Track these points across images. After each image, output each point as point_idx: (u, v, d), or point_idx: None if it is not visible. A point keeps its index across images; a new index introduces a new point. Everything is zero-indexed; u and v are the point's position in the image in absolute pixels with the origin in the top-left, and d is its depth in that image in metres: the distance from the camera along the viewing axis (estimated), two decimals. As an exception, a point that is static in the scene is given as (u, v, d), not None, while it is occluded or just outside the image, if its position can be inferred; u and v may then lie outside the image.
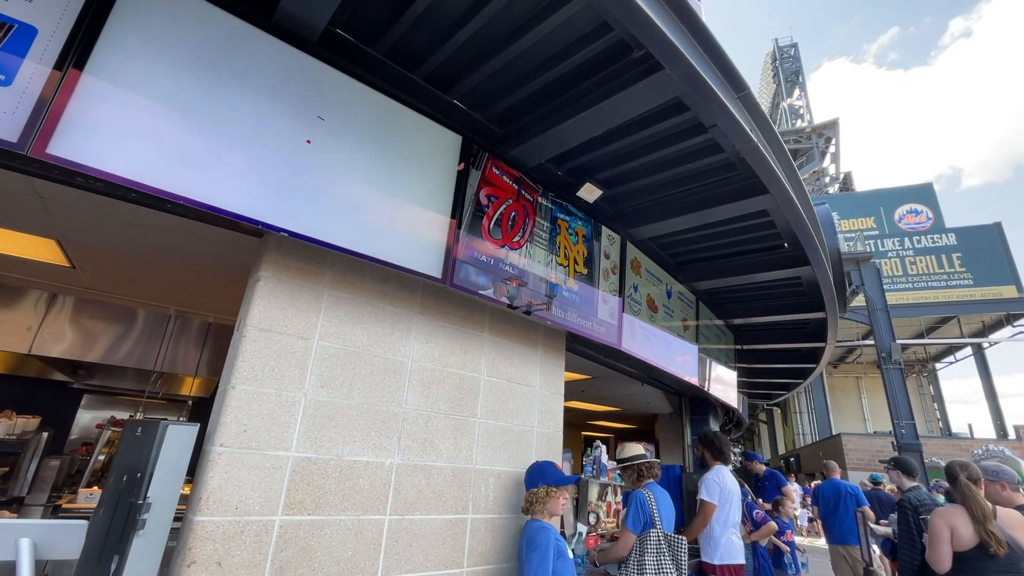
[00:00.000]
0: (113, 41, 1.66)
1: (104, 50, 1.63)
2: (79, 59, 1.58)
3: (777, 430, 26.15)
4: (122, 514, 1.62)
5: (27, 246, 2.99)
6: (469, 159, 2.72)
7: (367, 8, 2.19)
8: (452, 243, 2.52)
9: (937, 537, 2.50)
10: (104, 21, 1.64)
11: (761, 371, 7.78)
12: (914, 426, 11.97)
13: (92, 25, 1.62)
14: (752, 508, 4.11)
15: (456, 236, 2.55)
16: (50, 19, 1.55)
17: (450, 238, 2.52)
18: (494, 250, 2.75)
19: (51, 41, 1.54)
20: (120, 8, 1.69)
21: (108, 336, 4.76)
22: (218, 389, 2.01)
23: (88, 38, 1.61)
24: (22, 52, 1.50)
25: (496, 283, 2.71)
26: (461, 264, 2.55)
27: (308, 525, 1.95)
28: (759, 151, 2.69)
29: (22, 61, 1.50)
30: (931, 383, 22.68)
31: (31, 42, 1.52)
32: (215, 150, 1.83)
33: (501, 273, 2.75)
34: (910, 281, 18.99)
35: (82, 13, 1.61)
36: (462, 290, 2.54)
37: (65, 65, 1.55)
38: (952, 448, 14.69)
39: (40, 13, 1.55)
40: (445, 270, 2.46)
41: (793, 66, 35.15)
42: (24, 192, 2.19)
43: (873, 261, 14.31)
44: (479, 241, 2.67)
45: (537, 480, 2.53)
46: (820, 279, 4.27)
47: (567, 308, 3.14)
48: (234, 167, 1.86)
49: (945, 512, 2.56)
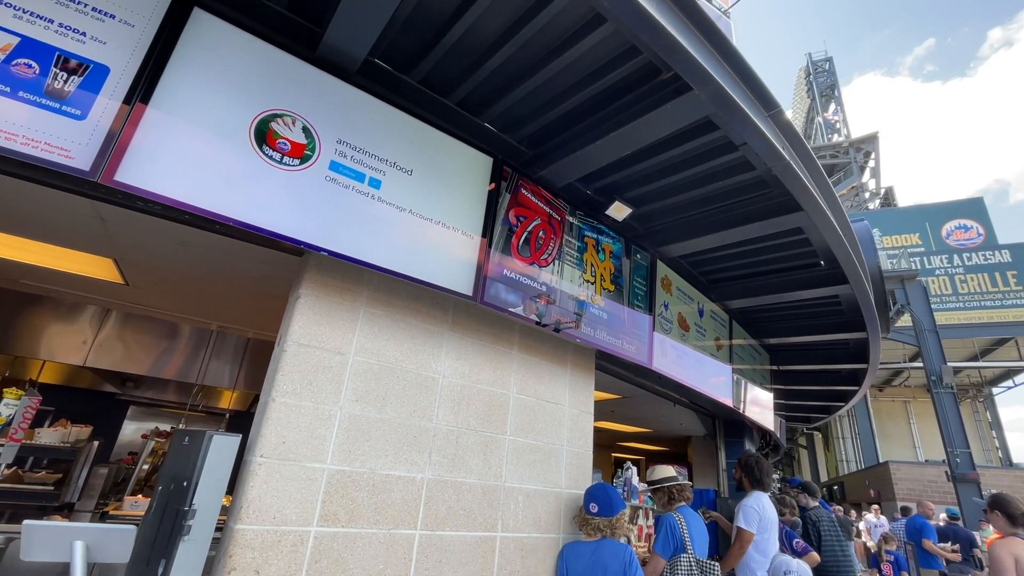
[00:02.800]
0: (174, 77, 1.81)
1: (166, 85, 1.78)
2: (145, 94, 1.73)
3: (819, 456, 24.93)
4: (169, 520, 1.71)
5: (87, 264, 3.21)
6: (500, 179, 2.79)
7: (404, 39, 2.31)
8: (483, 261, 2.57)
9: (1003, 567, 2.52)
10: (167, 59, 1.79)
11: (799, 393, 7.49)
12: (969, 455, 11.25)
13: (157, 63, 1.77)
14: (792, 537, 3.94)
15: (487, 255, 2.60)
16: (121, 59, 1.71)
17: (481, 256, 2.57)
18: (523, 268, 2.79)
19: (121, 79, 1.70)
20: (181, 47, 1.84)
21: (154, 350, 5.02)
22: (258, 402, 2.10)
23: (153, 75, 1.76)
24: (96, 89, 1.65)
25: (525, 301, 2.74)
26: (491, 282, 2.59)
27: (342, 537, 2.00)
28: (791, 169, 2.66)
29: (96, 97, 1.65)
30: (988, 409, 21.28)
31: (104, 80, 1.67)
32: (259, 173, 1.94)
33: (530, 291, 2.78)
34: (961, 300, 18.04)
35: (148, 52, 1.76)
36: (492, 307, 2.59)
37: (133, 100, 1.70)
38: (1014, 479, 13.70)
39: (113, 53, 1.71)
40: (476, 288, 2.51)
41: (828, 80, 34.49)
42: (88, 215, 2.36)
43: (919, 279, 13.70)
44: (509, 259, 2.72)
45: (617, 504, 2.58)
46: (860, 298, 4.13)
47: (596, 326, 3.14)
48: (277, 189, 1.97)
49: (1006, 543, 2.61)
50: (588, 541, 2.57)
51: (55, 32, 1.64)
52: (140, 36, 1.75)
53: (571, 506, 2.90)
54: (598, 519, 2.56)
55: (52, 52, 1.63)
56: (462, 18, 2.12)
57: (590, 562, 2.47)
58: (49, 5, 1.65)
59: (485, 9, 2.08)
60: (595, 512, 2.57)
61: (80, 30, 1.66)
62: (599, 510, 2.57)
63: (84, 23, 1.68)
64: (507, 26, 2.19)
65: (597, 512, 2.57)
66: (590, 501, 2.62)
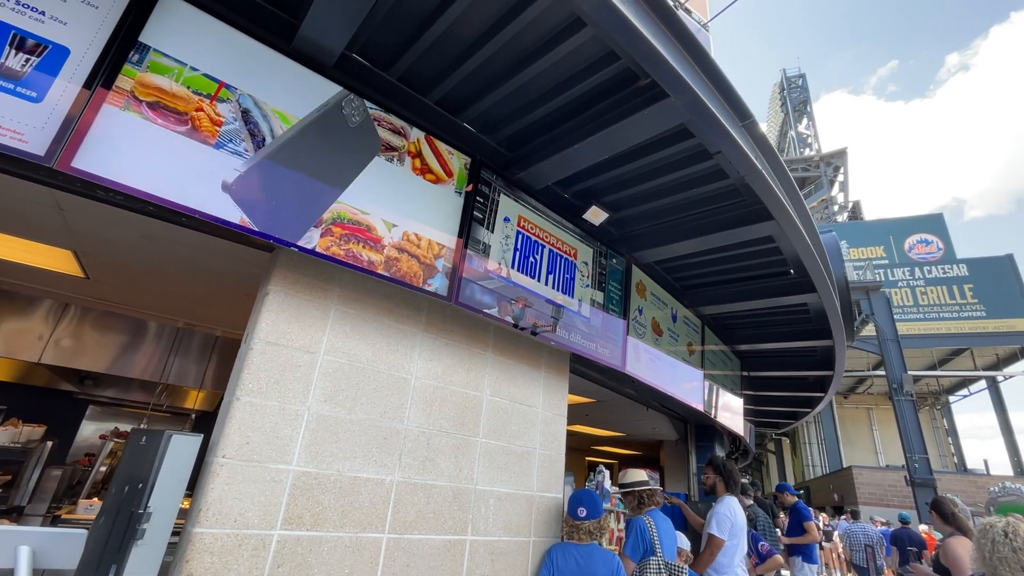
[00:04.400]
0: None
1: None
2: (107, 79, 1.66)
3: (786, 461, 25.56)
4: (122, 524, 1.63)
5: (44, 256, 3.06)
6: (477, 181, 2.78)
7: (383, 35, 2.28)
8: (459, 262, 2.55)
9: (964, 564, 2.82)
10: (133, 43, 1.73)
11: (768, 399, 7.68)
12: (927, 460, 11.69)
13: (122, 47, 1.70)
14: (757, 540, 4.01)
15: (463, 255, 2.58)
16: (82, 41, 1.64)
17: (456, 257, 2.55)
18: (499, 269, 2.78)
19: (82, 61, 1.62)
20: (148, 32, 1.78)
21: (116, 347, 4.82)
22: (222, 401, 2.03)
23: (117, 59, 1.69)
24: (54, 71, 1.58)
25: (501, 302, 2.73)
26: (467, 283, 2.58)
27: (306, 540, 1.94)
28: (763, 178, 2.72)
29: (54, 80, 1.57)
30: (944, 416, 22.17)
31: (63, 62, 1.60)
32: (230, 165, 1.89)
33: (506, 292, 2.77)
34: (921, 311, 18.78)
35: (113, 35, 1.69)
36: (467, 308, 2.57)
37: (94, 84, 1.63)
38: (968, 484, 14.26)
39: (74, 35, 1.64)
40: (451, 288, 2.49)
41: (801, 96, 35.59)
42: (45, 204, 2.26)
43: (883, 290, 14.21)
44: (486, 260, 2.71)
45: (601, 505, 2.66)
46: (827, 306, 4.25)
47: (571, 329, 3.15)
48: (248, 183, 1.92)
49: (962, 542, 2.97)
50: (579, 544, 2.58)
51: (11, 10, 1.56)
52: (104, 18, 1.68)
53: (542, 509, 2.89)
54: (588, 522, 2.59)
55: (7, 31, 1.55)
56: (442, 16, 2.10)
57: (578, 566, 2.48)
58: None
59: (466, 8, 2.07)
60: (584, 516, 2.60)
61: (39, 9, 1.59)
62: (588, 513, 2.60)
63: (43, 2, 1.60)
64: (488, 26, 2.19)
65: (586, 516, 2.60)
66: (577, 506, 2.63)
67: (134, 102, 1.72)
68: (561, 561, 2.54)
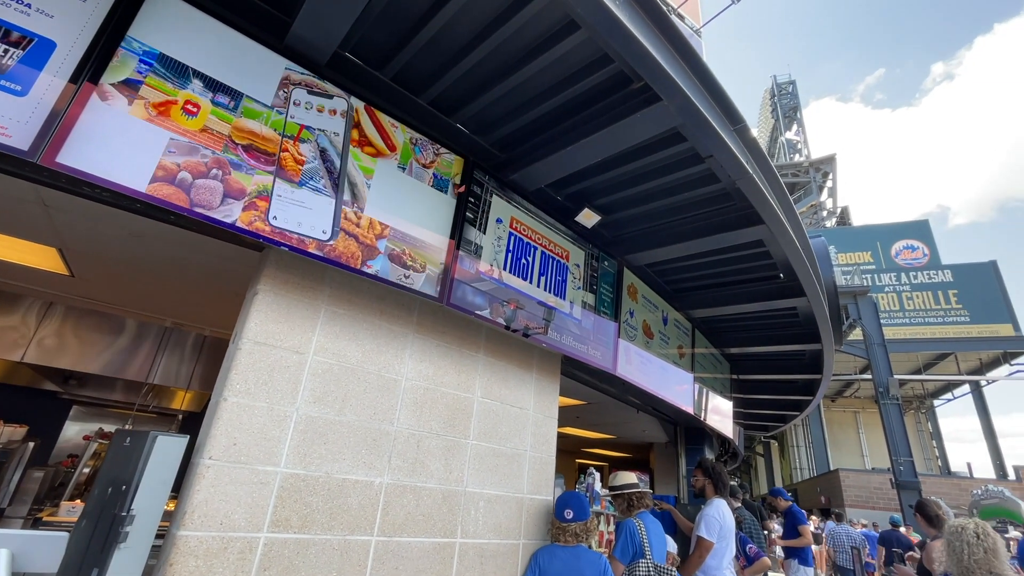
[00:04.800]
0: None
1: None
2: (94, 73, 1.63)
3: (775, 463, 25.77)
4: (104, 526, 1.60)
5: (27, 253, 3.01)
6: (470, 182, 2.77)
7: (376, 34, 2.27)
8: (450, 262, 2.54)
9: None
10: (121, 37, 1.70)
11: (757, 402, 7.73)
12: (912, 463, 11.83)
13: (110, 41, 1.68)
14: (745, 542, 4.03)
15: (455, 256, 2.57)
16: (69, 34, 1.61)
17: (448, 257, 2.54)
18: (491, 270, 2.77)
19: (68, 55, 1.60)
20: (138, 26, 1.75)
21: (102, 347, 4.74)
22: (210, 402, 2.00)
23: (105, 53, 1.66)
24: (39, 65, 1.55)
25: (493, 304, 2.72)
26: (458, 284, 2.57)
27: (293, 543, 1.92)
28: (754, 182, 2.74)
29: (39, 73, 1.55)
30: (929, 420, 22.49)
31: (49, 55, 1.57)
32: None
33: (498, 294, 2.76)
34: (907, 316, 19.05)
35: (100, 29, 1.67)
36: (459, 310, 2.56)
37: (80, 79, 1.60)
38: (951, 487, 14.47)
39: (60, 28, 1.61)
40: (442, 289, 2.48)
41: (791, 102, 35.98)
42: (30, 200, 2.22)
43: (870, 295, 14.38)
44: (477, 261, 2.70)
45: (588, 507, 2.65)
46: (815, 310, 4.30)
47: (563, 331, 3.15)
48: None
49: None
50: (565, 546, 2.57)
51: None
52: (92, 12, 1.65)
53: (532, 512, 2.89)
54: (575, 524, 2.58)
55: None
56: (436, 16, 2.10)
57: (566, 566, 2.47)
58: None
59: (459, 8, 2.07)
60: (570, 518, 2.59)
61: (24, 1, 1.56)
62: (575, 515, 2.59)
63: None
64: (482, 27, 2.19)
65: (573, 518, 2.59)
66: (564, 508, 2.62)
67: (231, 145, 1.90)
68: (547, 563, 2.53)
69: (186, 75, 1.84)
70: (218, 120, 1.89)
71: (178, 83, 1.82)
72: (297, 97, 2.15)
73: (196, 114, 1.83)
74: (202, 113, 1.85)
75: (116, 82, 1.67)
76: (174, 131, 1.77)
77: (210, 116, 1.87)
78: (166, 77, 1.79)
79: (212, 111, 1.88)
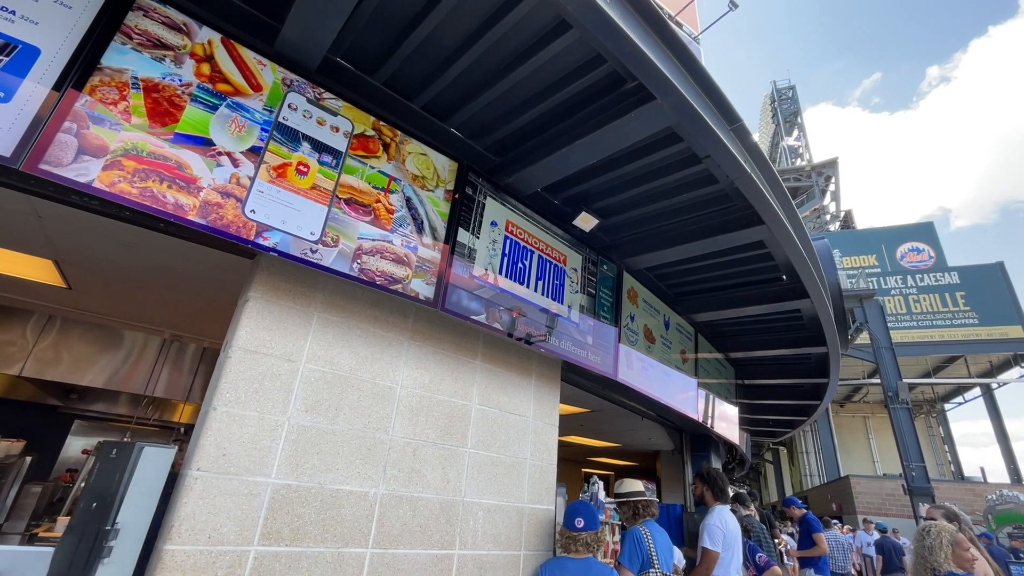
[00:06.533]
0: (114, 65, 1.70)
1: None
2: (79, 81, 1.62)
3: (784, 471, 25.40)
4: (88, 541, 1.56)
5: (24, 266, 3.00)
6: (464, 185, 2.74)
7: (367, 39, 2.26)
8: (445, 267, 2.51)
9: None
10: (107, 45, 1.69)
11: (763, 407, 7.62)
12: (924, 469, 11.63)
13: (95, 49, 1.67)
14: (755, 551, 3.93)
15: (449, 260, 2.54)
16: (54, 41, 1.60)
17: (442, 263, 2.51)
18: (487, 275, 2.73)
19: (53, 62, 1.58)
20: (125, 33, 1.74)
21: (102, 360, 4.72)
22: (199, 411, 1.96)
23: (90, 60, 1.65)
24: (23, 72, 1.54)
25: (489, 309, 2.68)
26: (453, 289, 2.53)
27: (285, 557, 1.87)
28: (752, 181, 2.70)
29: (22, 81, 1.53)
30: (940, 424, 22.14)
31: (33, 62, 1.56)
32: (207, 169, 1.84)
33: (495, 299, 2.72)
34: (915, 319, 18.83)
35: (85, 37, 1.66)
36: (454, 315, 2.52)
37: (64, 86, 1.58)
38: (965, 492, 14.18)
39: (45, 35, 1.60)
40: (437, 294, 2.44)
41: (791, 107, 36.01)
42: (23, 211, 2.20)
43: (876, 299, 14.25)
44: (472, 266, 2.66)
45: (597, 516, 2.57)
46: (820, 312, 4.23)
47: (562, 336, 3.10)
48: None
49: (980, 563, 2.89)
50: (575, 558, 2.49)
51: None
52: (77, 19, 1.64)
53: (534, 522, 2.82)
54: (585, 534, 2.50)
55: (-25, 30, 1.51)
56: (426, 19, 2.08)
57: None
58: (-24, -19, 1.54)
59: (449, 11, 2.06)
60: (581, 527, 2.51)
61: (8, 8, 1.55)
62: (585, 524, 2.52)
63: (14, 1, 1.57)
64: (472, 29, 2.18)
65: (584, 527, 2.51)
66: (575, 517, 2.55)
67: (336, 200, 2.16)
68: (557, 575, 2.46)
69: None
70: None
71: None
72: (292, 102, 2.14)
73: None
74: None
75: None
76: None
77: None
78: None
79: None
